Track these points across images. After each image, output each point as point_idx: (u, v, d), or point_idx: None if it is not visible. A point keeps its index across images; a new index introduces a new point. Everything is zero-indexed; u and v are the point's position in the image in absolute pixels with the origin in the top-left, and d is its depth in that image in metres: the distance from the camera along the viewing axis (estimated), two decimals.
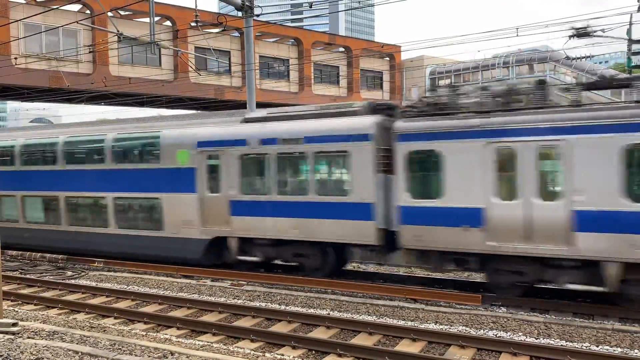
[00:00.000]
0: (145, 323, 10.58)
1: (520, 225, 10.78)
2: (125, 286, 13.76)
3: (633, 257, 9.94)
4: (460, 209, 11.28)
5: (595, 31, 18.24)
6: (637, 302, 10.30)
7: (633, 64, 21.57)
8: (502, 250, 11.00)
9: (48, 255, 17.37)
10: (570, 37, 19.33)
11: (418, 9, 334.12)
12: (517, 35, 19.45)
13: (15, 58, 28.28)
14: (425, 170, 11.91)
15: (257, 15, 19.33)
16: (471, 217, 11.17)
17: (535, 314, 10.61)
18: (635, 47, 19.72)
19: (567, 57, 30.26)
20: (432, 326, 9.96)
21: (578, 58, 27.18)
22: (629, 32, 19.71)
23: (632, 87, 10.93)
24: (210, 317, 10.88)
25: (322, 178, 13.38)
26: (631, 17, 19.16)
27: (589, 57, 26.21)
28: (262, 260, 14.33)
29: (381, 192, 12.42)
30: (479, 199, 11.13)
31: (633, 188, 10.04)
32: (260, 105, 26.70)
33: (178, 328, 10.18)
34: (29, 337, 8.36)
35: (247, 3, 18.64)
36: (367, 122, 12.58)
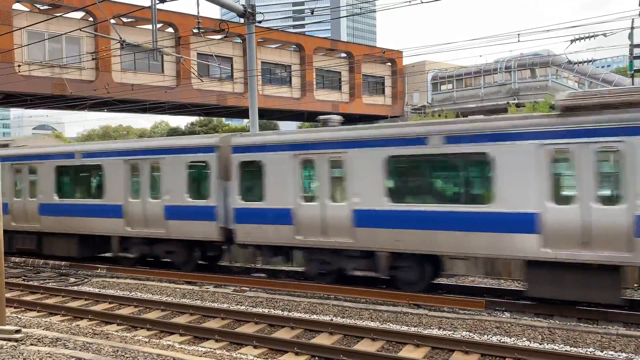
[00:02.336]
0: (148, 329, 10.57)
1: (318, 222, 13.12)
2: (128, 293, 13.75)
3: (397, 248, 12.18)
4: (276, 209, 13.71)
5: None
6: (407, 285, 12.58)
7: (635, 68, 21.57)
8: (307, 243, 13.32)
9: (51, 261, 17.39)
10: (572, 41, 19.35)
11: (420, 15, 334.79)
12: (519, 40, 19.45)
13: (19, 65, 28.39)
14: (252, 178, 14.26)
15: (259, 22, 19.40)
16: (284, 216, 13.54)
17: (539, 319, 10.57)
18: (637, 51, 19.71)
19: (569, 62, 30.25)
20: (435, 332, 9.92)
21: (580, 62, 27.18)
22: (630, 36, 19.72)
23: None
24: (213, 324, 10.86)
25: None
26: (632, 22, 19.17)
27: (590, 61, 26.21)
28: (139, 257, 16.77)
29: (221, 196, 14.67)
30: (289, 201, 13.47)
31: (392, 191, 12.31)
32: (262, 110, 26.73)
33: (181, 334, 10.16)
34: (32, 344, 8.35)
35: (249, 9, 18.72)
36: (216, 138, 15.14)
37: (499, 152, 11.00)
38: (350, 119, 45.66)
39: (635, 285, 13.01)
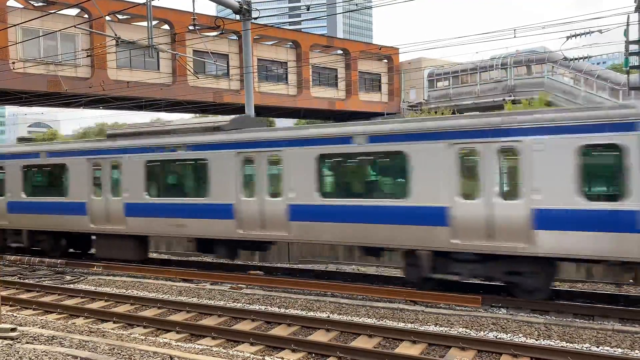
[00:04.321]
0: (144, 327, 10.55)
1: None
2: (125, 290, 13.72)
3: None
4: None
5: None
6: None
7: (630, 64, 21.59)
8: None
9: (47, 259, 17.34)
10: (567, 38, 19.35)
11: (416, 12, 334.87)
12: (515, 37, 19.47)
13: (14, 63, 28.29)
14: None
15: (255, 19, 19.34)
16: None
17: (535, 315, 10.60)
18: (632, 47, 19.72)
19: (565, 58, 30.27)
20: (432, 328, 9.94)
21: (576, 59, 27.19)
22: (626, 32, 19.72)
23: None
24: (209, 321, 10.85)
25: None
26: (628, 18, 19.17)
27: (586, 58, 26.21)
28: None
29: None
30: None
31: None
32: (258, 107, 26.67)
33: (177, 332, 10.15)
34: (27, 342, 8.32)
35: (245, 6, 18.66)
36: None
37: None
38: (347, 116, 45.67)
39: (630, 280, 13.06)
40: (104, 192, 16.34)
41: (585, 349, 8.70)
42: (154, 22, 31.21)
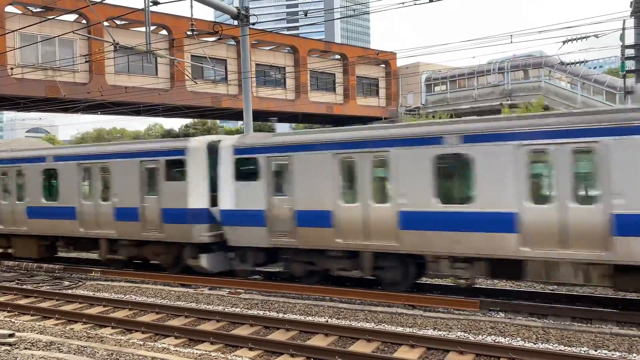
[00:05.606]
0: (142, 332, 10.53)
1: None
2: (123, 295, 13.70)
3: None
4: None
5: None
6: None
7: (627, 69, 21.69)
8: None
9: (45, 265, 17.31)
10: (564, 42, 19.45)
11: (413, 16, 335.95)
12: (512, 42, 19.55)
13: (12, 68, 28.25)
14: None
15: (253, 24, 19.41)
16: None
17: (533, 318, 10.61)
18: (628, 51, 19.84)
19: (562, 63, 30.41)
20: (430, 332, 9.94)
21: (572, 63, 27.31)
22: (622, 37, 19.85)
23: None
24: (208, 326, 10.84)
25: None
26: (624, 23, 19.31)
27: (583, 62, 26.34)
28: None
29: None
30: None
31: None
32: (257, 112, 26.71)
33: (176, 337, 10.13)
34: (25, 348, 8.31)
35: (242, 12, 18.72)
36: None
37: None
38: (344, 121, 45.72)
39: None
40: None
41: (583, 352, 8.71)
42: (152, 28, 31.29)
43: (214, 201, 14.57)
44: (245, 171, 13.96)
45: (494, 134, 11.01)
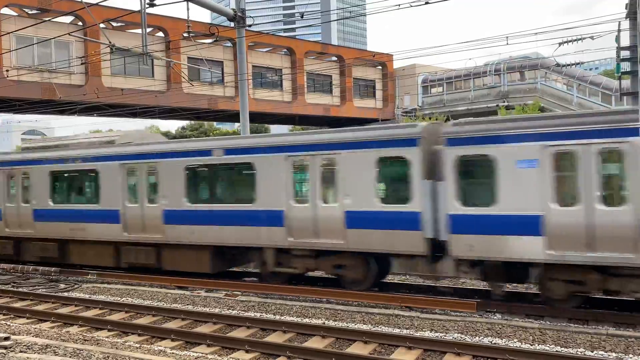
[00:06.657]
0: (139, 335, 10.50)
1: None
2: (119, 298, 13.66)
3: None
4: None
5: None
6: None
7: (622, 70, 21.77)
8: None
9: (41, 267, 17.24)
10: (560, 44, 19.53)
11: (409, 18, 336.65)
12: (507, 44, 19.61)
13: (7, 70, 28.20)
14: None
15: (250, 26, 19.42)
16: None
17: (530, 320, 10.64)
18: (624, 53, 19.91)
19: (558, 64, 30.51)
20: (427, 334, 9.95)
21: (568, 65, 27.40)
22: (617, 39, 19.92)
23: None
24: (204, 328, 10.81)
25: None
26: (619, 25, 19.37)
27: (578, 64, 26.43)
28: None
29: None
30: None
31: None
32: (253, 114, 26.71)
33: (172, 339, 10.11)
34: (21, 351, 8.27)
35: (239, 13, 18.73)
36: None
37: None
38: (341, 122, 45.76)
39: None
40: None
41: (579, 353, 8.73)
42: (149, 30, 31.25)
43: None
44: None
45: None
